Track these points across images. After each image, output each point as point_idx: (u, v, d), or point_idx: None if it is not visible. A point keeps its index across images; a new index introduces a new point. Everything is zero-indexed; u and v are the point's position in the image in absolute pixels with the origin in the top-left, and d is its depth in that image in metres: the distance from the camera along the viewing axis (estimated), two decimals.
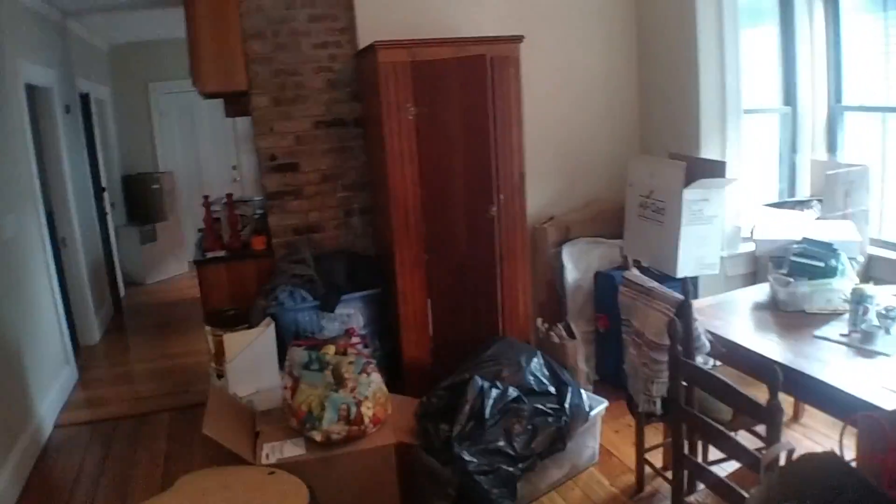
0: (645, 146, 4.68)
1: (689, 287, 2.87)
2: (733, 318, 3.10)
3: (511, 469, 2.95)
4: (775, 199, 4.64)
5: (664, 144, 4.42)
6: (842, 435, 1.81)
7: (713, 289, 3.82)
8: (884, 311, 2.68)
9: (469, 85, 3.62)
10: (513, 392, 3.09)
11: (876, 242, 4.08)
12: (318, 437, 2.92)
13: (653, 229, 4.12)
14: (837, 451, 1.65)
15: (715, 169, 4.00)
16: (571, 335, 4.06)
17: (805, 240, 3.28)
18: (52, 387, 4.58)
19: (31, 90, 5.07)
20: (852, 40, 4.43)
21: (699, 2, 4.07)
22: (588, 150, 4.60)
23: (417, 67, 3.55)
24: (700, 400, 2.73)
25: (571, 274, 4.20)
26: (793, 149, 4.71)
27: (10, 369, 3.87)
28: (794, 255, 3.21)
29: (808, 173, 4.67)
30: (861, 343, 2.63)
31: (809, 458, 1.60)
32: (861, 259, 3.22)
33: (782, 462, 2.02)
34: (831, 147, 4.70)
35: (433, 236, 3.69)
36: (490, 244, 3.74)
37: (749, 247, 4.34)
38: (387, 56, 3.50)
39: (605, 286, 4.12)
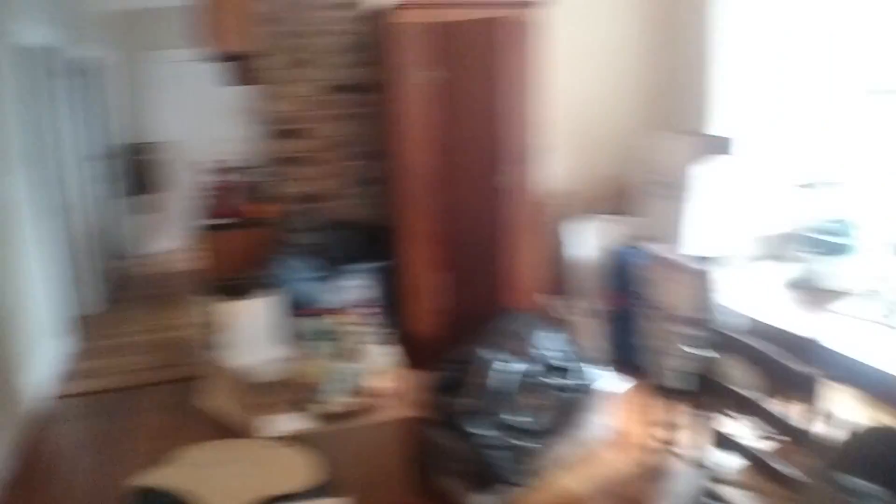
0: (660, 122, 4.55)
1: (713, 261, 2.77)
2: (758, 293, 3.00)
3: (525, 444, 2.86)
4: (801, 180, 4.54)
5: (677, 121, 4.32)
6: None
7: (729, 268, 3.71)
8: None
9: (485, 49, 3.48)
10: (528, 367, 2.99)
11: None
12: (324, 409, 2.80)
13: (666, 206, 4.03)
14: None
15: (724, 146, 3.93)
16: (585, 312, 3.97)
17: (831, 218, 3.18)
18: (44, 357, 4.45)
19: (30, 51, 4.90)
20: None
21: None
22: (605, 125, 4.48)
23: (432, 30, 3.42)
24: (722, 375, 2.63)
25: (585, 250, 4.10)
26: (820, 128, 4.59)
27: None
28: (821, 232, 3.11)
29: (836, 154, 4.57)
30: (889, 319, 2.55)
31: (869, 431, 1.49)
32: (883, 238, 3.15)
33: (822, 432, 1.93)
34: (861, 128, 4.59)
35: (444, 206, 3.58)
36: (502, 216, 3.62)
37: (771, 225, 4.24)
38: (401, 17, 3.37)
39: (619, 263, 4.01)
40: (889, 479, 1.32)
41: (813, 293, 2.90)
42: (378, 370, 2.91)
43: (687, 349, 2.66)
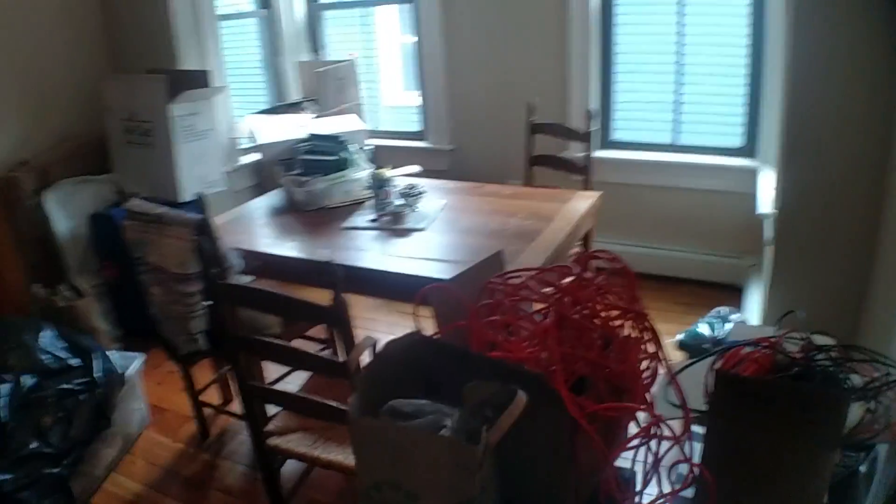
0: (118, 64, 4.07)
1: (206, 204, 2.56)
2: (256, 229, 2.87)
3: (56, 470, 2.41)
4: (266, 106, 4.52)
5: (140, 60, 3.91)
6: (415, 313, 1.73)
7: (222, 207, 3.29)
8: (406, 191, 2.75)
9: None
10: (27, 380, 2.49)
11: (373, 133, 4.21)
12: None
13: (145, 154, 3.68)
14: (417, 331, 1.55)
15: (198, 80, 3.71)
16: (79, 294, 3.48)
17: (312, 136, 3.19)
18: None
19: None
20: None
21: None
22: (53, 76, 3.79)
23: None
24: (244, 322, 2.48)
25: (61, 224, 3.55)
26: (276, 52, 4.62)
27: None
28: (304, 153, 3.10)
29: (296, 75, 4.65)
30: (392, 224, 2.66)
31: (394, 344, 1.47)
32: (368, 148, 3.27)
33: (355, 356, 1.92)
34: (315, 47, 4.73)
35: None
36: None
37: (250, 157, 4.18)
38: None
39: (104, 229, 3.56)
40: (429, 388, 1.31)
41: (314, 214, 2.88)
42: None
43: (199, 306, 2.45)
